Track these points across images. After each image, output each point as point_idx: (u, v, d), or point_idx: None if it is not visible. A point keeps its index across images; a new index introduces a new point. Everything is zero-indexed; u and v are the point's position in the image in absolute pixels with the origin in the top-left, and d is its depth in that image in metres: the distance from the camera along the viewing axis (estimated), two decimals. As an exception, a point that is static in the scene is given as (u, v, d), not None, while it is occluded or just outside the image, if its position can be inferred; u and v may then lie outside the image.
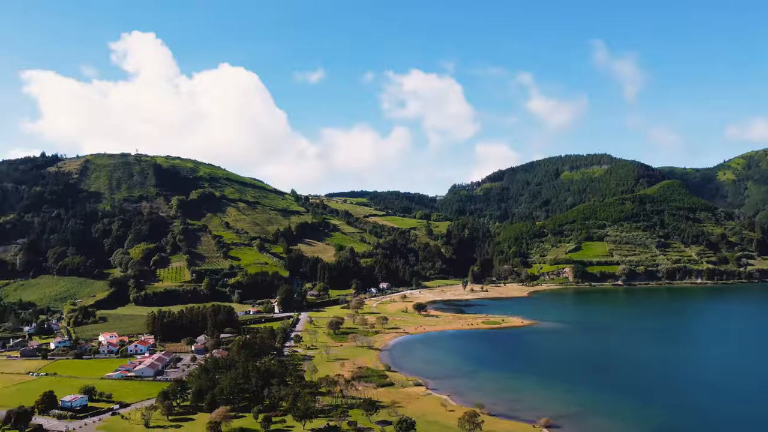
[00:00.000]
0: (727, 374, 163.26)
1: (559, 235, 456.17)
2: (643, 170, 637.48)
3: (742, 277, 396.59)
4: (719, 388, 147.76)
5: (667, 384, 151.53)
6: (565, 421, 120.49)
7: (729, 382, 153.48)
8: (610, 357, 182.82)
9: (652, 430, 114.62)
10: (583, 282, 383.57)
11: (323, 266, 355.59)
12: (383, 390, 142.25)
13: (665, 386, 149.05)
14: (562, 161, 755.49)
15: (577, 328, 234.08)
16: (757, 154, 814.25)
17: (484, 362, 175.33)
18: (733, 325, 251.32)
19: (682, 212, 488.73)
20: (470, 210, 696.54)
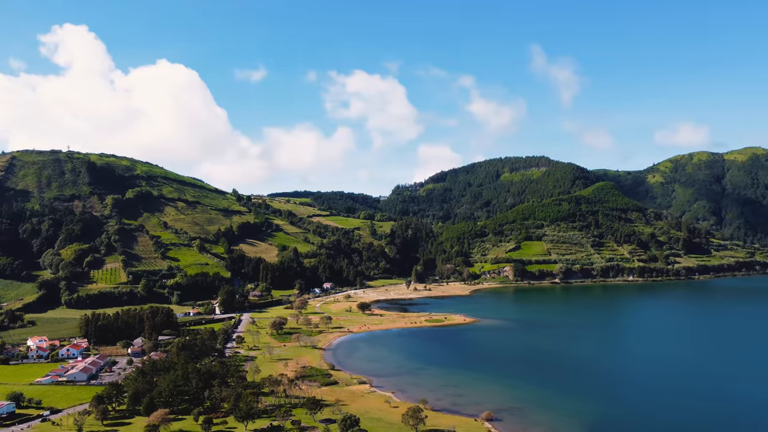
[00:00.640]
0: (658, 368, 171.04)
1: (499, 235, 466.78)
2: (579, 172, 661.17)
3: (670, 275, 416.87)
4: (651, 381, 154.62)
5: (602, 378, 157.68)
6: (505, 415, 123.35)
7: (659, 376, 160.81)
8: (549, 352, 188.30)
9: (588, 422, 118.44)
10: (523, 280, 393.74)
11: (266, 267, 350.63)
12: (327, 389, 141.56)
13: (601, 380, 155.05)
14: (503, 163, 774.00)
15: (517, 324, 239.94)
16: (683, 158, 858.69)
17: (428, 359, 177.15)
18: (663, 321, 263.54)
19: (615, 213, 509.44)
20: (413, 210, 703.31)
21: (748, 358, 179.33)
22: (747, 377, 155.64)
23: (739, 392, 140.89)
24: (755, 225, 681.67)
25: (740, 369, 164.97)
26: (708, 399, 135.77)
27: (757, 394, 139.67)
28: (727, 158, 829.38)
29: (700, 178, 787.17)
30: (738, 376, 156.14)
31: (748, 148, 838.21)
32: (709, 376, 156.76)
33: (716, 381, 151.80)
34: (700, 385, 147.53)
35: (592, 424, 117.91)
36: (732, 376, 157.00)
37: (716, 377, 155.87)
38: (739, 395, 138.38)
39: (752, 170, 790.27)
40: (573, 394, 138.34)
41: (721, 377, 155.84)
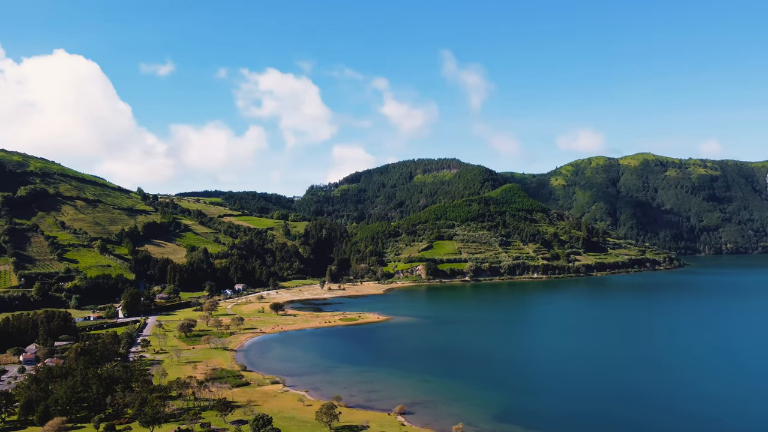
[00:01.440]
0: (561, 358, 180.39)
1: (412, 235, 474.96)
2: (488, 174, 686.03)
3: (571, 272, 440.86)
4: (556, 372, 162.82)
5: (510, 370, 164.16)
6: (418, 408, 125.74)
7: (563, 366, 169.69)
8: (460, 347, 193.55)
9: (497, 411, 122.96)
10: (435, 279, 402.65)
11: (174, 268, 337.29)
12: (239, 390, 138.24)
13: (508, 372, 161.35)
14: (416, 165, 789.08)
15: (430, 321, 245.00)
16: (583, 162, 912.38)
17: (342, 357, 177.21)
18: (565, 315, 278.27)
19: (521, 213, 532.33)
20: (328, 211, 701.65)
21: (642, 346, 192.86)
22: (641, 364, 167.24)
23: (635, 378, 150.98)
24: (646, 225, 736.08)
25: (636, 356, 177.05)
26: (607, 385, 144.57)
27: (649, 378, 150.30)
28: (621, 163, 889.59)
29: (598, 182, 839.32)
30: (634, 363, 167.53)
31: (639, 154, 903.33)
32: (607, 365, 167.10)
33: (614, 369, 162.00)
34: (600, 373, 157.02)
35: (500, 412, 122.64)
36: (628, 363, 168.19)
37: (614, 365, 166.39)
38: (636, 380, 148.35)
39: (643, 174, 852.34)
40: (482, 386, 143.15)
41: (619, 365, 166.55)
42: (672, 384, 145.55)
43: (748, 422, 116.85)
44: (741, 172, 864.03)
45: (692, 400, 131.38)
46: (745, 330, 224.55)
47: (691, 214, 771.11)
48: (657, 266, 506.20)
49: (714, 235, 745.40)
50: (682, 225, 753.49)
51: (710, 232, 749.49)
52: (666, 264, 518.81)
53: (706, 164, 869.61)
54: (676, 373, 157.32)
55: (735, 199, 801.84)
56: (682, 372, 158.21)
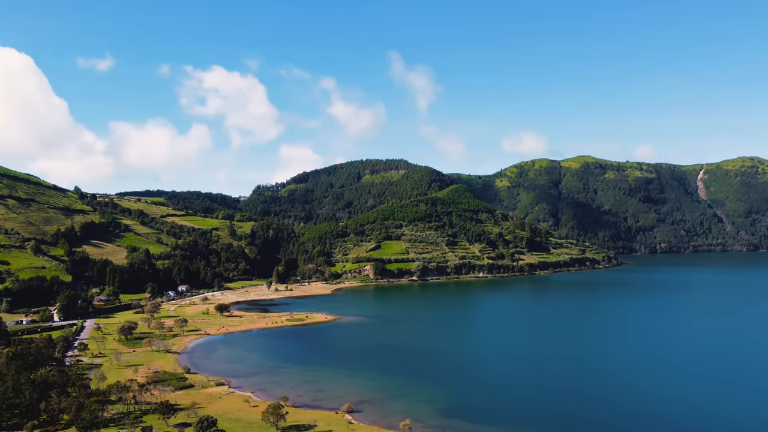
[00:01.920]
0: (507, 356, 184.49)
1: (360, 235, 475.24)
2: (435, 175, 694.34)
3: (515, 271, 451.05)
4: (500, 368, 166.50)
5: (456, 366, 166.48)
6: (365, 405, 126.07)
7: (508, 363, 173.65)
8: (407, 345, 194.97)
9: (444, 407, 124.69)
10: (383, 278, 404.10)
11: (113, 269, 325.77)
12: (182, 393, 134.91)
13: (455, 368, 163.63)
14: (364, 165, 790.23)
15: (377, 320, 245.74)
16: (526, 164, 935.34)
17: (289, 358, 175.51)
18: (509, 312, 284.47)
19: (467, 214, 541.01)
20: (275, 211, 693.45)
21: (581, 342, 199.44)
22: (581, 359, 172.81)
23: (574, 372, 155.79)
24: (586, 225, 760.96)
25: (575, 352, 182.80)
26: (547, 380, 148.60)
27: (588, 373, 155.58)
28: (563, 165, 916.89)
29: (541, 183, 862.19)
30: (573, 359, 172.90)
31: (580, 157, 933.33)
32: (548, 361, 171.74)
33: (555, 364, 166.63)
34: (542, 369, 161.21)
35: (447, 407, 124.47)
36: (568, 358, 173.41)
37: (555, 361, 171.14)
38: (575, 375, 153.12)
39: (584, 176, 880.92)
40: (429, 382, 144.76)
41: (559, 361, 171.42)
42: (609, 377, 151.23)
43: (681, 412, 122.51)
44: (674, 175, 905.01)
45: (626, 392, 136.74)
46: (674, 324, 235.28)
47: (628, 214, 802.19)
48: (596, 265, 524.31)
49: (649, 235, 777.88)
50: (620, 225, 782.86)
51: (646, 232, 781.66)
52: (605, 263, 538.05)
53: (642, 167, 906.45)
54: (613, 367, 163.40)
55: (668, 201, 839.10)
56: (618, 366, 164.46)
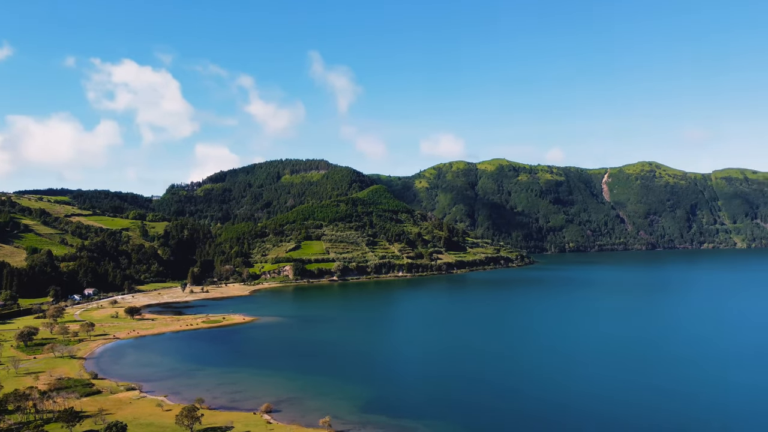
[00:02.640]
0: (424, 351, 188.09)
1: (280, 235, 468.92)
2: (356, 176, 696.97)
3: (434, 270, 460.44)
4: (418, 364, 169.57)
5: (376, 364, 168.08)
6: (285, 405, 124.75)
7: (425, 358, 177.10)
8: (327, 344, 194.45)
9: (363, 403, 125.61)
10: (303, 279, 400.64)
11: (11, 272, 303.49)
12: (89, 399, 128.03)
13: (375, 366, 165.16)
14: (283, 165, 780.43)
15: (297, 320, 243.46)
16: (444, 166, 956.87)
17: (205, 360, 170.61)
18: (428, 309, 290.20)
19: (387, 214, 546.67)
20: (191, 211, 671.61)
21: (500, 336, 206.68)
22: (495, 353, 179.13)
23: (490, 366, 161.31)
24: (500, 226, 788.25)
25: (496, 345, 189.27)
26: (464, 374, 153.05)
27: (502, 366, 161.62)
28: (479, 168, 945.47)
29: (458, 185, 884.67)
30: (488, 352, 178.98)
31: (495, 159, 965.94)
32: (465, 355, 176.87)
33: (475, 357, 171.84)
34: (459, 363, 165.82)
35: (366, 403, 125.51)
36: (484, 352, 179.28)
37: (471, 355, 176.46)
38: (489, 368, 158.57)
39: (498, 179, 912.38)
40: (349, 380, 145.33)
41: (475, 355, 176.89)
42: (523, 370, 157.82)
43: (589, 401, 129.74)
44: (581, 178, 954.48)
45: (539, 383, 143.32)
46: (582, 320, 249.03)
47: (540, 215, 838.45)
48: (510, 263, 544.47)
49: (559, 234, 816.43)
50: (532, 226, 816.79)
51: (555, 232, 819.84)
52: (518, 261, 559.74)
53: (552, 170, 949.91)
54: (528, 360, 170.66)
55: (576, 203, 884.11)
56: (532, 359, 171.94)
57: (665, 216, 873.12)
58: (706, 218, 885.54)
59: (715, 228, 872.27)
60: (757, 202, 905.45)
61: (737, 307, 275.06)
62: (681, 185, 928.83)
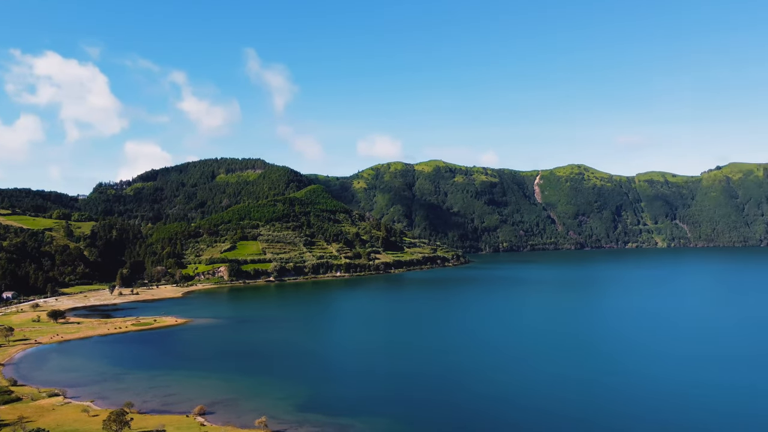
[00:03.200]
0: (362, 348, 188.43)
1: (215, 235, 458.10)
2: (294, 176, 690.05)
3: (372, 269, 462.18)
4: (356, 361, 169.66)
5: (313, 362, 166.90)
6: (219, 407, 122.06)
7: (363, 355, 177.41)
8: (265, 345, 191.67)
9: (300, 402, 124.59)
10: (238, 280, 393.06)
11: None
12: (7, 407, 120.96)
13: (312, 364, 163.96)
14: (218, 164, 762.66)
15: (232, 321, 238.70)
16: (382, 167, 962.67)
17: (135, 363, 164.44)
18: (365, 309, 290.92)
19: (325, 214, 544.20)
20: (120, 211, 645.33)
21: (437, 333, 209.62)
22: (431, 348, 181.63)
23: (426, 361, 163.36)
24: (437, 226, 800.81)
25: (432, 341, 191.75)
26: (405, 368, 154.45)
27: (439, 361, 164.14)
28: (417, 169, 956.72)
29: (396, 186, 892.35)
30: (430, 347, 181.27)
31: (432, 161, 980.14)
32: (402, 351, 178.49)
33: (412, 353, 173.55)
34: (399, 358, 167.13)
35: (303, 402, 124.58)
36: (426, 347, 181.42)
37: (412, 351, 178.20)
38: (426, 363, 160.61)
39: (435, 180, 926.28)
40: (286, 380, 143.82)
41: (416, 350, 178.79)
42: (458, 365, 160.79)
43: (521, 392, 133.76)
44: (515, 179, 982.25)
45: (475, 377, 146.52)
46: (517, 315, 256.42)
47: (475, 216, 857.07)
48: (446, 263, 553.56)
49: (493, 234, 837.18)
50: (468, 226, 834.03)
51: (490, 232, 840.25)
52: (454, 261, 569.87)
53: (487, 172, 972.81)
54: (462, 356, 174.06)
55: (510, 204, 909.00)
56: (466, 355, 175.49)
57: (593, 217, 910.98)
58: (630, 219, 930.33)
59: (638, 228, 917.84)
60: (676, 203, 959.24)
61: (657, 302, 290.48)
62: (607, 187, 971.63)
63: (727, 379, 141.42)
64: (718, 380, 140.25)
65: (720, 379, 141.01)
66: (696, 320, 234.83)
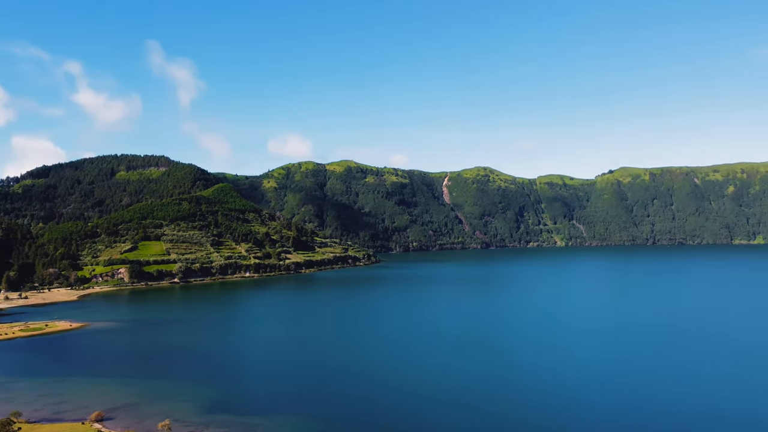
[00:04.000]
0: (272, 347, 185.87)
1: (114, 235, 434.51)
2: (200, 174, 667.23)
3: (282, 269, 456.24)
4: (266, 361, 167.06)
5: (221, 363, 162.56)
6: (119, 412, 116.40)
7: (274, 355, 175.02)
8: (169, 347, 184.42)
9: (206, 404, 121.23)
10: (140, 281, 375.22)
11: None
12: None
13: (219, 365, 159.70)
14: (118, 160, 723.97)
15: (135, 324, 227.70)
16: (293, 166, 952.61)
17: (23, 371, 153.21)
18: (275, 309, 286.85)
19: (234, 213, 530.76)
20: (6, 209, 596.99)
21: (346, 330, 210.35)
22: (339, 344, 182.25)
23: (345, 359, 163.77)
24: (348, 226, 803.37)
25: (342, 339, 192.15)
26: (314, 366, 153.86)
27: (345, 356, 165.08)
28: (328, 168, 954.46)
29: (307, 185, 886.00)
30: (334, 344, 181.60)
31: (344, 161, 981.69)
32: (315, 348, 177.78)
33: (323, 353, 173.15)
34: (308, 356, 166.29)
35: (209, 404, 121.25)
36: (338, 348, 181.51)
37: (321, 348, 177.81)
38: (345, 361, 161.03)
39: (347, 180, 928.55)
40: (192, 382, 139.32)
41: (327, 350, 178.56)
42: (368, 361, 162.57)
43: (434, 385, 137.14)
44: (424, 180, 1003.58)
45: (382, 371, 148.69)
46: (424, 311, 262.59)
47: (386, 216, 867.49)
48: (358, 262, 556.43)
49: (403, 234, 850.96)
50: (378, 226, 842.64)
51: (400, 232, 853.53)
52: (365, 260, 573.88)
53: (397, 173, 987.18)
54: (370, 351, 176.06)
55: (419, 204, 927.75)
56: (375, 350, 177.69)
57: (498, 217, 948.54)
58: (531, 219, 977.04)
59: (539, 228, 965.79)
60: (573, 205, 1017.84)
61: (552, 296, 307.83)
62: (511, 189, 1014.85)
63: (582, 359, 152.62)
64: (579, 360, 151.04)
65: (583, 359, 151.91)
66: (582, 314, 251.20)
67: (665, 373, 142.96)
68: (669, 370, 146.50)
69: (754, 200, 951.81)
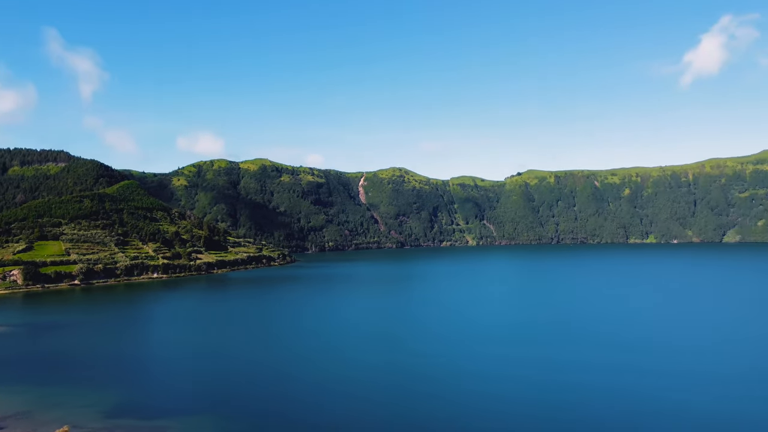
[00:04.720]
0: (179, 350, 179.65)
1: (6, 235, 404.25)
2: (104, 170, 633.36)
3: (193, 270, 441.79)
4: (173, 364, 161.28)
5: (124, 367, 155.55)
6: (11, 421, 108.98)
7: (181, 357, 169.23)
8: (68, 352, 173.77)
9: (108, 409, 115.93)
10: (36, 284, 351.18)
11: None
12: None
13: (123, 370, 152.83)
14: (11, 155, 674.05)
15: (27, 329, 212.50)
16: (205, 164, 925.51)
17: None
18: (186, 312, 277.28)
19: (140, 212, 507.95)
20: None
21: (256, 331, 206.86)
22: (262, 345, 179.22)
23: (259, 358, 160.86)
24: (263, 225, 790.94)
25: (258, 339, 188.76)
26: (223, 368, 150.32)
27: (266, 356, 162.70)
28: (242, 167, 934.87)
29: (220, 184, 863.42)
30: (257, 345, 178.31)
31: (258, 159, 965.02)
32: (228, 351, 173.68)
33: (235, 353, 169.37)
34: (221, 359, 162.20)
35: (112, 409, 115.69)
36: (251, 347, 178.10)
37: (234, 350, 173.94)
38: (259, 360, 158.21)
39: (261, 179, 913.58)
40: (94, 387, 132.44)
41: (239, 350, 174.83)
42: (282, 358, 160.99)
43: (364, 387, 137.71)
44: (340, 180, 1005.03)
45: (301, 368, 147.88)
46: (341, 308, 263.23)
47: (302, 215, 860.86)
48: (272, 262, 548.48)
49: (319, 234, 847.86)
50: (294, 225, 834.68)
51: (316, 231, 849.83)
52: (280, 260, 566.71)
53: (313, 172, 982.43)
54: (285, 350, 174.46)
55: (336, 204, 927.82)
56: (290, 348, 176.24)
57: (412, 217, 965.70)
58: (445, 219, 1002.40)
59: (452, 228, 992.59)
60: (484, 206, 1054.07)
61: (458, 294, 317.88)
62: (425, 190, 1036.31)
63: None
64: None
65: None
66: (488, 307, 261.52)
67: (549, 360, 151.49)
68: (549, 358, 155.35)
69: (647, 202, 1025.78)
